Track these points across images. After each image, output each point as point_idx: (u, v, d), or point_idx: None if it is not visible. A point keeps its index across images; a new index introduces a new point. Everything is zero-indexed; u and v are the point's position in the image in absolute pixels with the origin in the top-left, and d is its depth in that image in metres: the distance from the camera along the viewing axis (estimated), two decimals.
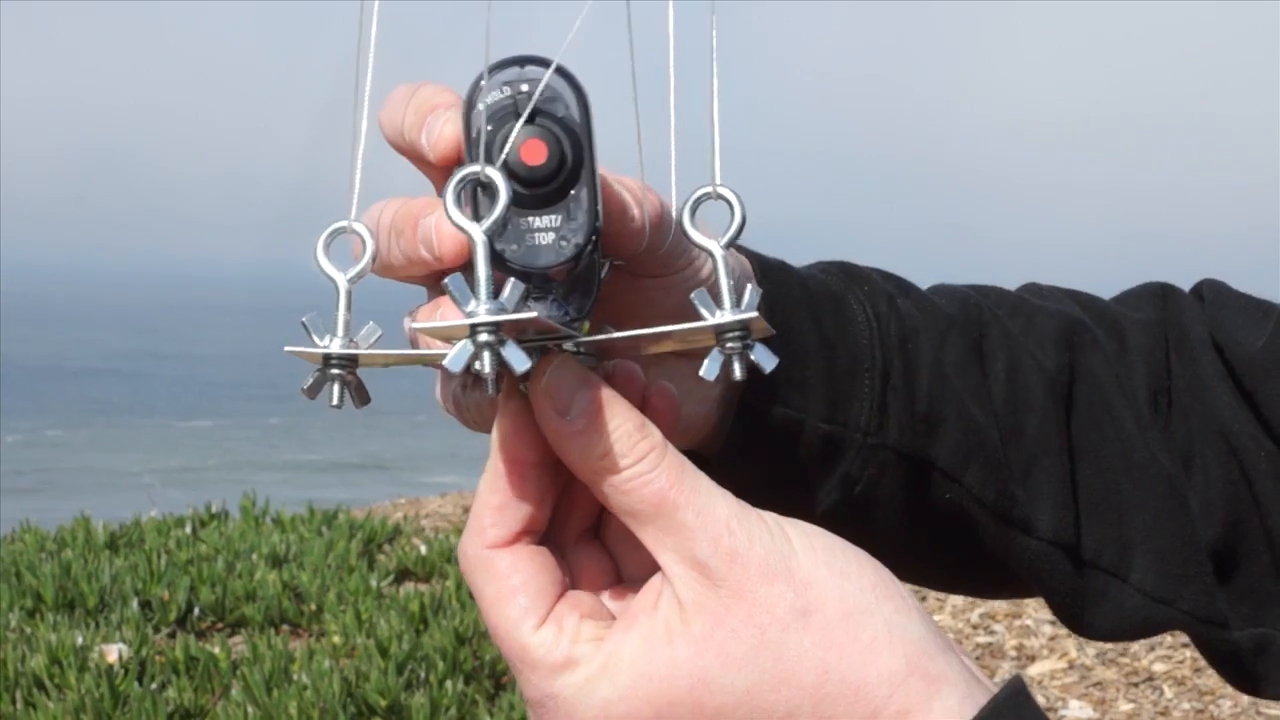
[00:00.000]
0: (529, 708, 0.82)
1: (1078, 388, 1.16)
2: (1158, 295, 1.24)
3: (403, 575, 6.96)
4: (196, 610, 6.18)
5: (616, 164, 0.88)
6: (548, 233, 0.78)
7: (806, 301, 1.08)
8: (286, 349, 0.80)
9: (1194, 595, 1.16)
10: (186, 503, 8.30)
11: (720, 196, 0.83)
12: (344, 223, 0.82)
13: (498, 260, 0.77)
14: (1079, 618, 1.17)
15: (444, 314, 0.84)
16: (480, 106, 0.79)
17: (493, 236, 0.76)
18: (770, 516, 0.81)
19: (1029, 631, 6.42)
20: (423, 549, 7.22)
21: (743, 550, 0.78)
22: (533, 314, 0.76)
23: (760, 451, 1.06)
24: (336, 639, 5.75)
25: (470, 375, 0.84)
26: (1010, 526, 1.13)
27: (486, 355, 0.74)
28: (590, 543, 0.86)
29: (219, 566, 6.62)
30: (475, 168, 0.76)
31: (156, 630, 5.94)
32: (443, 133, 0.83)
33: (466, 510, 9.20)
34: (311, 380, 0.79)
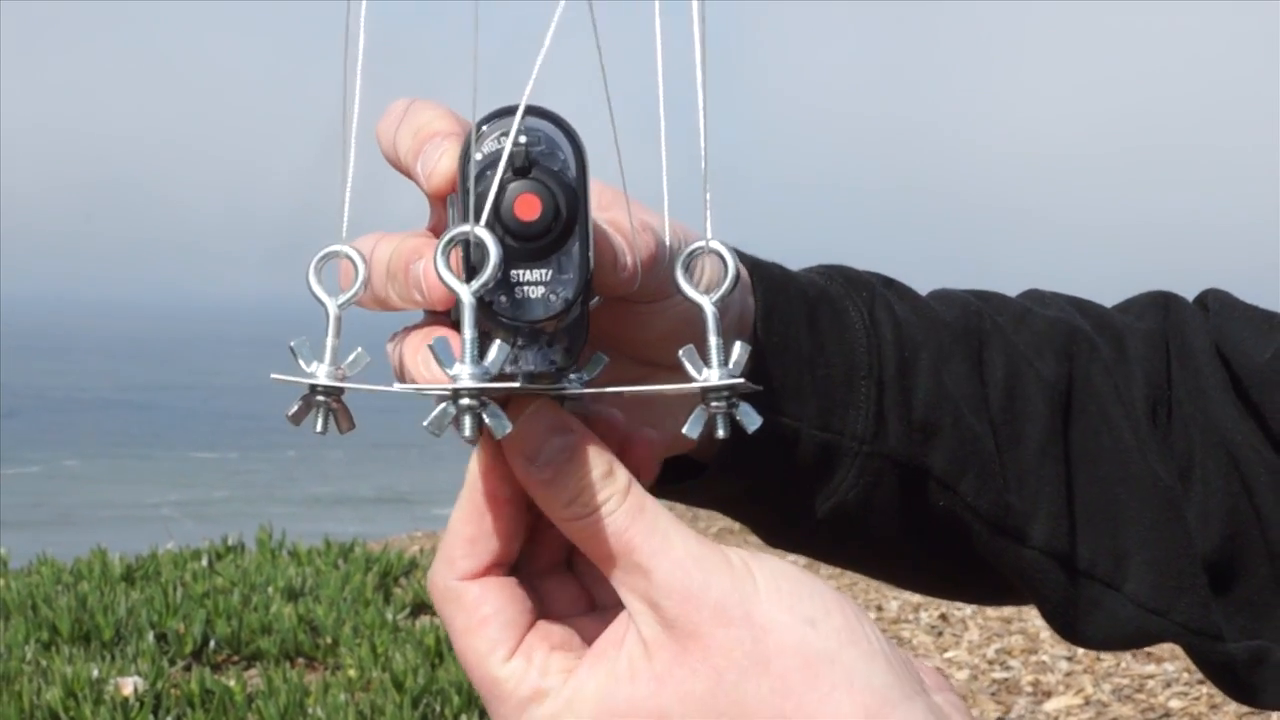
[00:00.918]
0: None
1: (1076, 397, 1.16)
2: (1160, 304, 1.24)
3: (419, 608, 6.95)
4: (212, 643, 6.19)
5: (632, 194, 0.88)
6: (538, 286, 0.78)
7: (804, 307, 1.08)
8: (272, 376, 0.80)
9: (1187, 606, 1.16)
10: (203, 535, 8.32)
11: (714, 251, 0.84)
12: (337, 246, 0.82)
13: (486, 311, 0.77)
14: (1071, 626, 1.17)
15: (429, 370, 0.83)
16: (477, 157, 0.78)
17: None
18: (739, 555, 0.80)
19: (1045, 668, 6.41)
20: None
21: (697, 592, 0.78)
22: (514, 384, 0.77)
23: (756, 459, 1.06)
24: (352, 672, 5.75)
25: None
26: (1004, 536, 1.13)
27: (467, 419, 0.74)
28: (562, 572, 0.86)
29: (235, 599, 6.64)
30: (465, 228, 0.76)
31: (172, 663, 5.95)
32: (438, 167, 0.83)
33: None
34: (296, 407, 0.80)
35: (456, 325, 0.82)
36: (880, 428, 1.09)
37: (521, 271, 0.78)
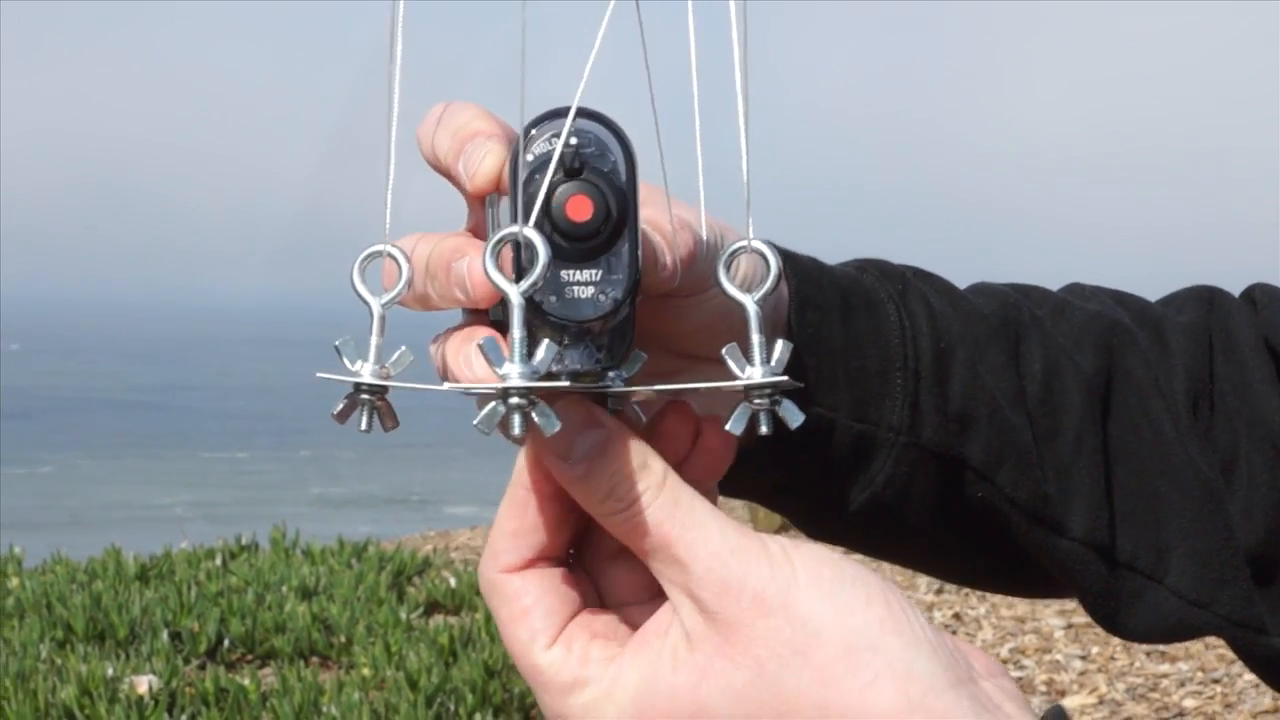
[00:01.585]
0: None
1: (1115, 390, 1.16)
2: (1204, 298, 1.23)
3: (432, 608, 6.96)
4: (226, 642, 6.20)
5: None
6: (587, 286, 0.78)
7: (837, 299, 1.08)
8: (318, 374, 0.80)
9: (1231, 599, 1.15)
10: (216, 535, 8.33)
11: (755, 251, 0.85)
12: (380, 246, 0.82)
13: (536, 310, 0.78)
14: (1113, 619, 1.16)
15: (477, 364, 0.82)
16: (527, 158, 0.79)
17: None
18: (778, 544, 0.80)
19: (1059, 666, 6.41)
20: (452, 581, 7.23)
21: (735, 584, 0.78)
22: (564, 384, 0.78)
23: (792, 449, 1.06)
24: (366, 671, 5.76)
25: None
26: (1043, 526, 1.12)
27: (517, 418, 0.75)
28: (629, 558, 0.86)
29: (249, 598, 6.65)
30: (514, 228, 0.76)
31: (186, 662, 5.95)
32: (481, 167, 0.83)
33: None
34: (341, 406, 0.80)
35: (497, 325, 0.83)
36: (916, 419, 1.09)
37: (572, 272, 0.78)
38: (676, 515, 0.80)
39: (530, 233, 0.76)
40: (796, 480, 1.09)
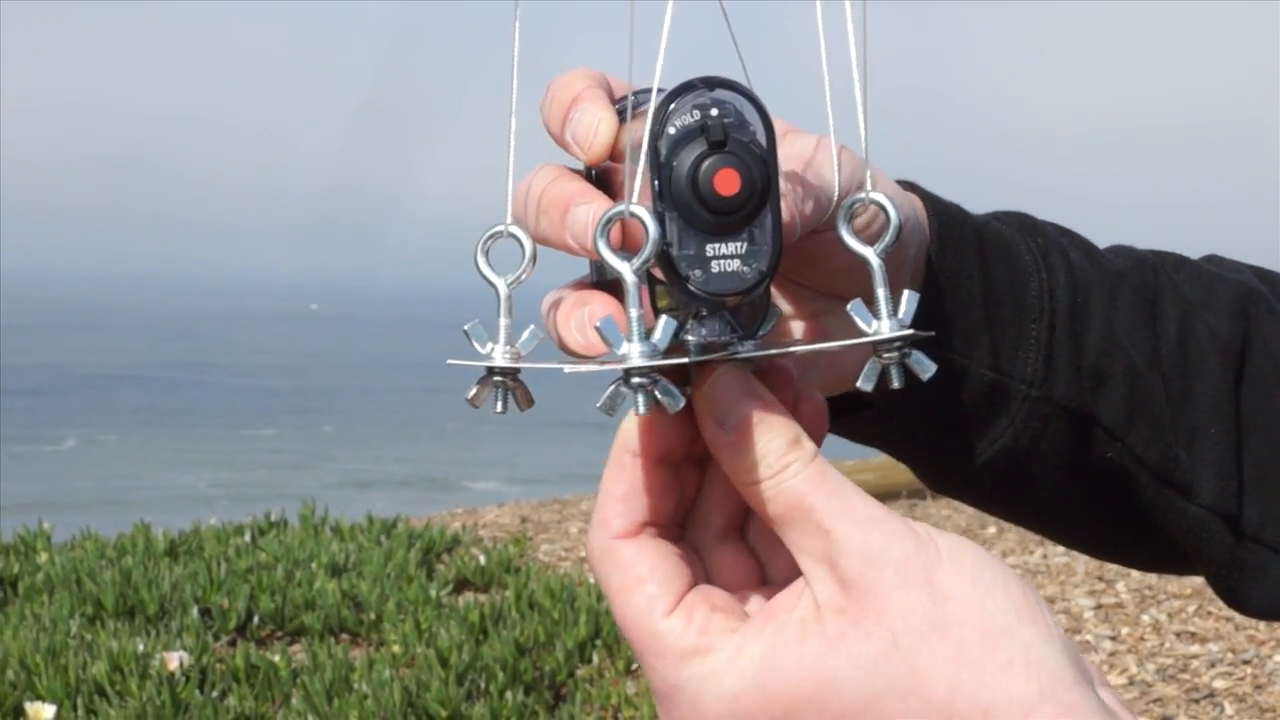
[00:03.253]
0: (656, 700, 0.82)
1: (1250, 358, 1.15)
2: None
3: (462, 585, 6.97)
4: (256, 618, 6.21)
5: None
6: (732, 259, 0.78)
7: (977, 247, 1.07)
8: (449, 361, 0.81)
9: None
10: (244, 512, 8.34)
11: (875, 202, 0.85)
12: (501, 226, 0.82)
13: (681, 285, 0.77)
14: (1234, 591, 1.15)
15: (585, 336, 0.82)
16: (669, 130, 0.78)
17: (677, 264, 0.77)
18: (921, 526, 0.79)
19: (1089, 647, 6.40)
20: (481, 559, 7.24)
21: (878, 553, 0.77)
22: (683, 359, 0.77)
23: (923, 395, 1.04)
24: (396, 648, 5.77)
25: None
26: (1171, 489, 1.12)
27: (641, 398, 0.75)
28: (735, 542, 0.85)
29: (278, 575, 6.66)
30: (621, 206, 0.76)
31: (216, 638, 5.97)
32: (595, 139, 0.83)
33: (524, 520, 9.19)
34: (475, 390, 0.80)
35: (609, 287, 0.83)
36: (1049, 372, 1.09)
37: (718, 245, 0.77)
38: (823, 487, 0.79)
39: (639, 210, 0.75)
40: (925, 428, 1.09)
